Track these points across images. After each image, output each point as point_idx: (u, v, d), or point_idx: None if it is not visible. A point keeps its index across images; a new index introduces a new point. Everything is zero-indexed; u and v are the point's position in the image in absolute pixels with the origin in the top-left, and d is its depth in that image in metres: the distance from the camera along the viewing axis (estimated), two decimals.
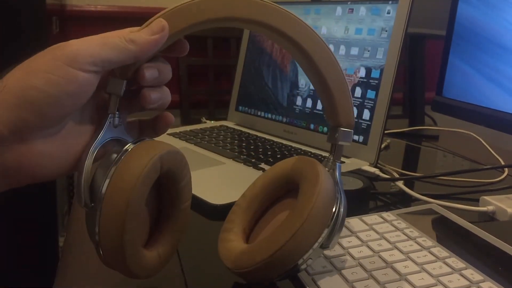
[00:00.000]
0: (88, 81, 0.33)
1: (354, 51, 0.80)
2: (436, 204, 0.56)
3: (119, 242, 0.34)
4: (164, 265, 0.39)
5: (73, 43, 0.33)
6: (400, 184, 0.66)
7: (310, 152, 0.78)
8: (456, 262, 0.42)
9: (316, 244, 0.37)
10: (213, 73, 1.75)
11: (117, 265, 0.36)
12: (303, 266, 0.38)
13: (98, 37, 0.34)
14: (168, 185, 0.38)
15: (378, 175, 0.68)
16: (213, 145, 0.82)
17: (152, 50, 0.35)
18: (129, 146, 0.36)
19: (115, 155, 0.35)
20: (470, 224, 0.49)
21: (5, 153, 0.32)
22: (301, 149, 0.80)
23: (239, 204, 0.43)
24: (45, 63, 0.32)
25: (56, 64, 0.32)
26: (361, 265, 0.42)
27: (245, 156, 0.75)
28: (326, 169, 0.40)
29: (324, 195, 0.37)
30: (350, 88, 0.78)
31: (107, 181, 0.34)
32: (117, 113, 0.37)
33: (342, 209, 0.38)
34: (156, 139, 0.39)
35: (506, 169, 0.76)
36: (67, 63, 0.32)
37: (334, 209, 0.38)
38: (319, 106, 0.83)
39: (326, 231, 0.37)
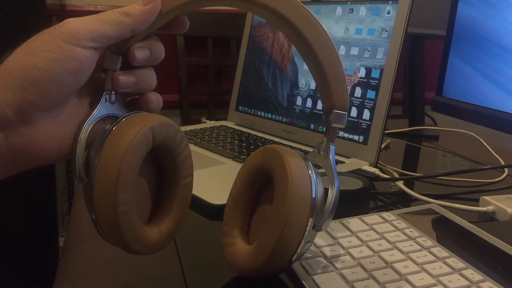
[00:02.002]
0: (88, 57, 0.34)
1: (354, 51, 0.80)
2: (436, 204, 0.56)
3: (113, 213, 0.33)
4: (167, 242, 0.39)
5: (70, 21, 0.33)
6: (400, 184, 0.66)
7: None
8: (456, 262, 0.42)
9: (306, 233, 0.37)
10: (213, 73, 1.75)
11: (115, 239, 0.36)
12: (301, 253, 0.39)
13: (94, 15, 0.34)
14: (165, 159, 0.38)
15: (378, 175, 0.68)
16: (213, 145, 0.82)
17: (147, 21, 0.35)
18: (120, 119, 0.36)
19: (107, 129, 0.35)
20: (470, 224, 0.49)
21: (11, 137, 0.33)
22: (301, 149, 0.80)
23: (229, 205, 0.43)
24: (44, 43, 0.33)
25: (56, 43, 0.32)
26: (361, 265, 0.42)
27: (245, 156, 0.75)
28: (300, 156, 0.40)
29: (297, 190, 0.37)
30: (350, 88, 0.78)
31: (99, 153, 0.34)
32: (113, 91, 0.37)
33: (321, 191, 0.38)
34: None
35: (506, 169, 0.76)
36: (66, 41, 0.32)
37: (313, 195, 0.37)
38: (319, 106, 0.83)
39: (310, 220, 0.37)
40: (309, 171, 0.38)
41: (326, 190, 0.39)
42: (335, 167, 0.40)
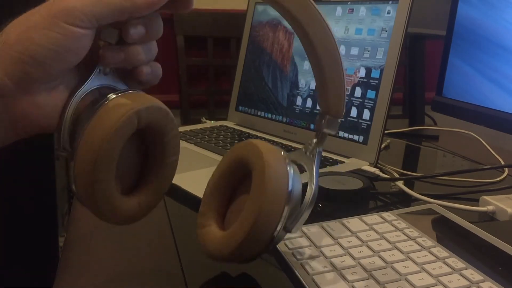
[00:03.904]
0: (85, 36, 0.34)
1: (354, 51, 0.80)
2: (436, 204, 0.56)
3: (92, 191, 0.35)
4: (145, 214, 0.40)
5: None
6: (400, 184, 0.66)
7: None
8: (456, 262, 0.42)
9: (281, 223, 0.38)
10: (213, 73, 1.75)
11: (91, 207, 0.37)
12: (275, 242, 0.39)
13: None
14: (152, 139, 0.39)
15: (378, 175, 0.68)
16: (213, 145, 0.82)
17: (149, 10, 0.35)
18: (110, 96, 0.36)
19: (96, 105, 0.36)
20: (470, 224, 0.49)
21: (11, 104, 0.34)
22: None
23: (210, 186, 0.43)
24: (43, 20, 0.33)
25: (54, 22, 0.33)
26: (361, 265, 0.42)
27: None
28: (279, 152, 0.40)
29: (273, 179, 0.37)
30: (350, 88, 0.78)
31: (83, 130, 0.35)
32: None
33: (298, 185, 0.39)
34: None
35: (506, 169, 0.76)
36: (63, 20, 0.33)
37: (289, 187, 0.38)
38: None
39: (286, 208, 0.38)
40: (287, 166, 0.39)
41: (304, 187, 0.39)
42: (317, 172, 0.41)
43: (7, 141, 0.36)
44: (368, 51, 0.77)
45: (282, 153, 0.40)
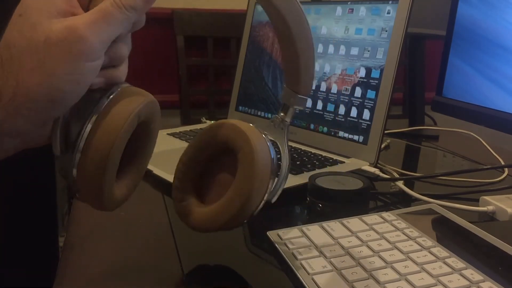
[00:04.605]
0: (102, 63, 0.35)
1: (354, 51, 0.80)
2: (436, 204, 0.56)
3: (100, 192, 0.37)
4: (131, 194, 0.41)
5: (84, 35, 0.32)
6: (400, 184, 0.66)
7: (310, 152, 0.78)
8: (456, 262, 0.42)
9: (266, 195, 0.41)
10: (213, 73, 1.75)
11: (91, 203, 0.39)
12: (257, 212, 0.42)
13: (99, 15, 0.33)
14: (140, 129, 0.39)
15: (378, 175, 0.68)
16: None
17: (147, 9, 0.36)
18: (108, 96, 0.36)
19: (93, 107, 0.36)
20: (470, 224, 0.49)
21: (27, 140, 0.35)
22: (301, 149, 0.80)
23: (184, 162, 0.45)
24: (64, 64, 0.32)
25: (77, 64, 0.33)
26: (361, 265, 0.42)
27: None
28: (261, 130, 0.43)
29: (260, 158, 0.40)
30: (350, 88, 0.78)
31: (86, 133, 0.35)
32: None
33: (277, 157, 0.42)
34: None
35: (506, 169, 0.76)
36: (85, 60, 0.33)
37: (272, 159, 0.42)
38: (319, 106, 0.83)
39: (271, 182, 0.41)
40: (267, 143, 0.42)
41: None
42: (287, 145, 0.44)
43: (10, 153, 0.36)
44: (368, 51, 0.77)
45: (260, 130, 0.43)
